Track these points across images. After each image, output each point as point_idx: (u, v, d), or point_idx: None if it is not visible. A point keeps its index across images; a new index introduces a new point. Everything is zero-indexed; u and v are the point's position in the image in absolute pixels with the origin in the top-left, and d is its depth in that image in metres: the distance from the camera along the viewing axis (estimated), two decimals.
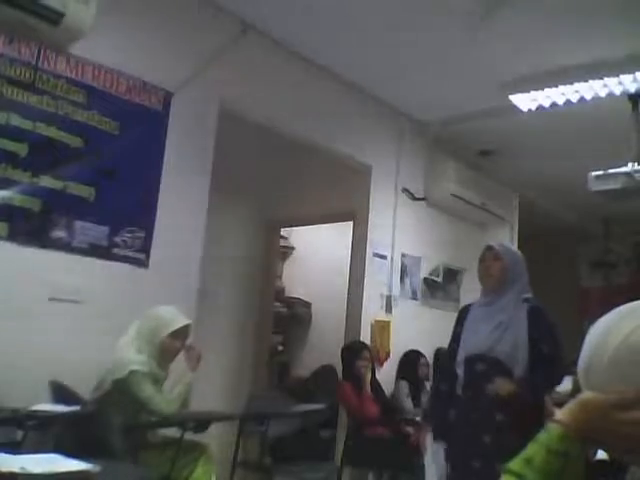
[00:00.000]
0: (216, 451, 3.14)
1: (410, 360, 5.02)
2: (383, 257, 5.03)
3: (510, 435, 2.71)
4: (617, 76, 4.04)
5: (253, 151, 4.97)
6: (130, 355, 2.84)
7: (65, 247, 3.10)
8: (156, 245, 3.44)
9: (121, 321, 3.05)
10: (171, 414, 2.82)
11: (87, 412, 2.66)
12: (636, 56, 3.88)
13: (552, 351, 2.88)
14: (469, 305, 3.29)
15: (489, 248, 3.15)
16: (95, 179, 3.22)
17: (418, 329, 5.26)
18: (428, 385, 5.07)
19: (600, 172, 4.15)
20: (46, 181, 3.04)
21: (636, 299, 1.01)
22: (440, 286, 5.65)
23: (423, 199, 5.46)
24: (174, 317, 2.96)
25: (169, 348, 2.93)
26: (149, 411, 2.78)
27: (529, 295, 3.08)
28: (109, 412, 2.68)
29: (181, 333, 2.96)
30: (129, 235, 3.34)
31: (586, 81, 4.13)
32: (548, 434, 0.92)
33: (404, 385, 4.87)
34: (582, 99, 4.31)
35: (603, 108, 4.40)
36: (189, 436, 2.90)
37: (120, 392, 2.76)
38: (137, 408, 2.79)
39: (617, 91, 4.17)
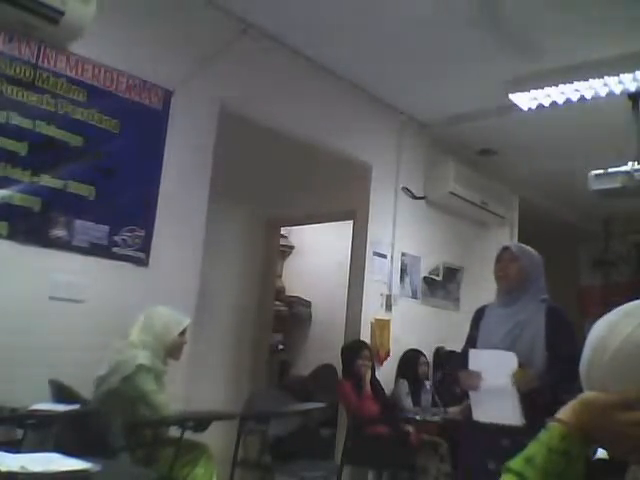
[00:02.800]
0: (216, 450, 3.14)
1: (410, 359, 5.02)
2: (383, 256, 5.03)
3: (529, 438, 2.64)
4: (617, 75, 4.04)
5: (253, 150, 4.96)
6: (136, 351, 2.89)
7: (65, 246, 3.10)
8: (156, 244, 3.44)
9: (121, 320, 3.06)
10: (166, 413, 2.84)
11: (87, 411, 2.66)
12: (636, 55, 3.88)
13: (570, 351, 2.70)
14: (484, 306, 3.18)
15: (505, 248, 3.08)
16: (95, 178, 3.22)
17: (418, 328, 5.27)
18: (428, 384, 5.07)
19: (600, 171, 4.15)
20: (46, 180, 3.04)
21: (636, 298, 1.00)
22: (440, 285, 5.65)
23: (423, 198, 5.46)
24: (180, 316, 3.09)
25: (179, 345, 3.06)
26: (148, 405, 2.81)
27: (546, 296, 2.99)
28: (110, 410, 2.68)
29: (185, 330, 3.10)
30: (129, 234, 3.34)
31: (586, 80, 4.13)
32: (549, 433, 0.92)
33: (404, 384, 4.87)
34: (582, 98, 4.30)
35: (603, 107, 4.39)
36: (189, 435, 2.90)
37: (126, 389, 2.79)
38: (137, 404, 2.81)
39: (617, 90, 4.17)
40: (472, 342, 3.08)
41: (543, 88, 4.28)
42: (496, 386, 2.79)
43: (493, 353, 2.89)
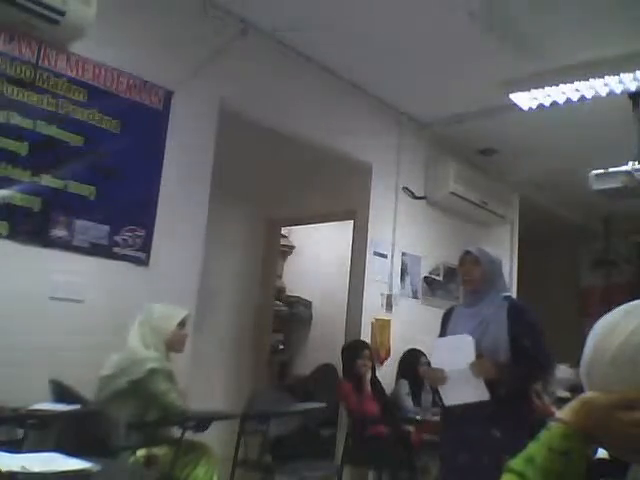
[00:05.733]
0: (216, 450, 3.14)
1: (410, 359, 5.02)
2: (383, 256, 5.03)
3: (495, 429, 2.82)
4: (617, 75, 4.04)
5: (253, 150, 4.96)
6: (143, 353, 2.89)
7: (66, 246, 3.10)
8: (156, 244, 3.44)
9: (121, 320, 3.06)
10: (184, 409, 2.86)
11: (88, 411, 2.66)
12: (636, 54, 3.88)
13: (533, 345, 2.96)
14: (452, 307, 3.40)
15: (467, 252, 3.23)
16: (95, 178, 3.22)
17: (418, 328, 5.26)
18: (428, 384, 5.06)
19: (601, 171, 4.15)
20: (46, 180, 3.04)
21: (637, 298, 1.00)
22: (440, 285, 5.65)
23: (423, 198, 5.46)
24: (176, 309, 3.10)
25: (179, 337, 3.07)
26: (164, 405, 2.81)
27: (509, 294, 3.21)
28: (116, 411, 2.68)
29: (184, 322, 3.11)
30: (129, 234, 3.34)
31: (587, 80, 4.13)
32: (550, 433, 0.92)
33: (404, 384, 4.86)
34: (583, 98, 4.30)
35: (604, 107, 4.39)
36: (190, 435, 2.90)
37: (136, 391, 2.79)
38: (148, 405, 2.81)
39: (618, 90, 4.17)
40: None
41: (543, 88, 4.28)
42: (459, 370, 2.97)
43: (452, 339, 3.09)
